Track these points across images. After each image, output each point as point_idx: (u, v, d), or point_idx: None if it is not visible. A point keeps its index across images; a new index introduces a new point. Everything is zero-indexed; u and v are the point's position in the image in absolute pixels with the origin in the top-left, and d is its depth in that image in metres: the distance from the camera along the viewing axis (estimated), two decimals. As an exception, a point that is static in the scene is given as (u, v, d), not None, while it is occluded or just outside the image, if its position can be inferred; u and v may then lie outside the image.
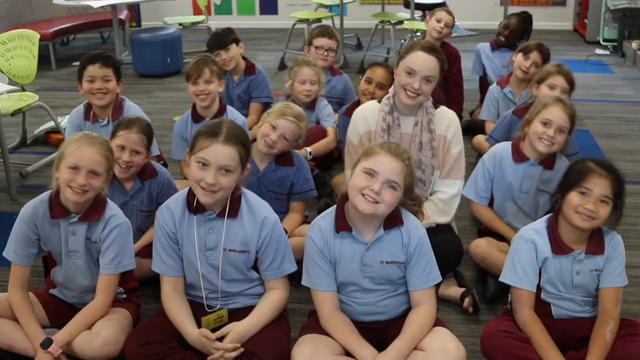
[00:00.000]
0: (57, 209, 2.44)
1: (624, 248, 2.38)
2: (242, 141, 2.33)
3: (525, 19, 4.97)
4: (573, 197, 2.28)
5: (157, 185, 2.99)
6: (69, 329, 2.38)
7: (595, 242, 2.35)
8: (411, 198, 2.35)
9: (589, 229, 2.31)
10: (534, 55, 4.11)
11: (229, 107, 3.69)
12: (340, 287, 2.36)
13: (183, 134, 3.63)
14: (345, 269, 2.32)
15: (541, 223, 2.40)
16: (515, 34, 4.88)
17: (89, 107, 3.55)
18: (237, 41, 4.42)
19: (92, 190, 2.39)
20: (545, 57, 4.11)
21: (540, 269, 2.35)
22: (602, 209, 2.26)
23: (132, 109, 3.56)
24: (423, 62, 2.81)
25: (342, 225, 2.31)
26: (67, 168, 2.36)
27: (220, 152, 2.27)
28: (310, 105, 4.06)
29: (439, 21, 4.81)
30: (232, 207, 2.38)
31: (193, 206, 2.38)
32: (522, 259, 2.35)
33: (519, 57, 4.16)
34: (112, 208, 2.50)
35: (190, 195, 2.39)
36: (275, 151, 3.09)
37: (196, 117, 3.59)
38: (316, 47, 4.39)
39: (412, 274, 2.33)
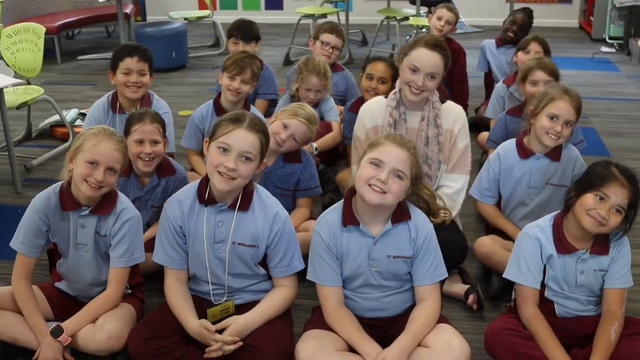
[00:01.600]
0: (68, 201, 2.42)
1: (630, 248, 2.35)
2: (263, 130, 2.34)
3: (530, 14, 4.97)
4: (588, 198, 2.25)
5: (173, 182, 2.99)
6: (79, 318, 2.38)
7: (600, 242, 2.32)
8: (424, 188, 2.36)
9: (595, 233, 2.29)
10: (533, 46, 4.05)
11: (252, 107, 3.68)
12: (345, 281, 2.35)
13: (201, 124, 3.60)
14: (352, 263, 2.31)
15: (546, 221, 2.38)
16: (522, 29, 4.86)
17: (115, 98, 3.54)
18: (259, 39, 4.45)
19: (108, 186, 2.39)
20: (544, 45, 4.05)
21: (545, 266, 2.34)
22: (613, 218, 2.23)
23: (161, 103, 3.56)
24: (427, 59, 2.80)
25: (349, 219, 2.30)
26: (85, 162, 2.35)
27: (243, 137, 2.27)
28: None
29: (439, 19, 4.81)
30: (244, 200, 2.37)
31: (205, 197, 2.37)
32: (527, 255, 2.34)
33: (519, 55, 4.12)
34: (123, 201, 2.49)
35: (202, 186, 2.39)
36: (283, 150, 3.10)
37: (219, 111, 3.53)
38: (322, 42, 4.39)
39: (418, 269, 2.32)
